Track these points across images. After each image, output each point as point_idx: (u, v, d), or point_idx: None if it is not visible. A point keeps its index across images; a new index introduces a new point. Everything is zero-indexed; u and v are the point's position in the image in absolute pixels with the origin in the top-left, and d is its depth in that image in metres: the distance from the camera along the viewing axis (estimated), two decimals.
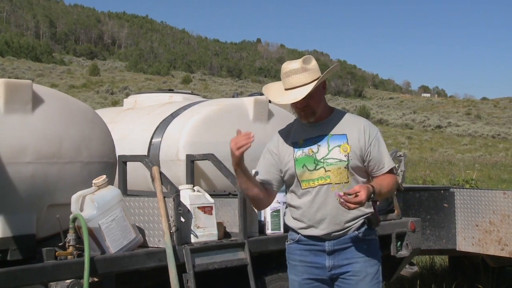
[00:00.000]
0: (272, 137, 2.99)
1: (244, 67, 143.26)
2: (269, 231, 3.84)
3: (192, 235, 3.42)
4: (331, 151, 2.78)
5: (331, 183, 2.76)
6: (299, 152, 2.83)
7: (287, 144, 2.88)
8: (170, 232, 3.23)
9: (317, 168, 2.78)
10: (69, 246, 3.02)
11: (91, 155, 3.46)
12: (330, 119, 2.86)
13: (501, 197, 4.93)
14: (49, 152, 3.23)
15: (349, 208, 2.60)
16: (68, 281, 2.88)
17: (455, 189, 5.38)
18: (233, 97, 5.40)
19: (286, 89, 2.79)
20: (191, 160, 4.12)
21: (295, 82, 2.75)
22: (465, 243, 5.18)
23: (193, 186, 3.66)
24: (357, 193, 2.58)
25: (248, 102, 4.59)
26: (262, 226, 3.86)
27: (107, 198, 3.17)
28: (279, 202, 3.90)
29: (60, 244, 3.08)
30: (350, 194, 2.58)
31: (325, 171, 2.77)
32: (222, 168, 3.84)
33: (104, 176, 3.26)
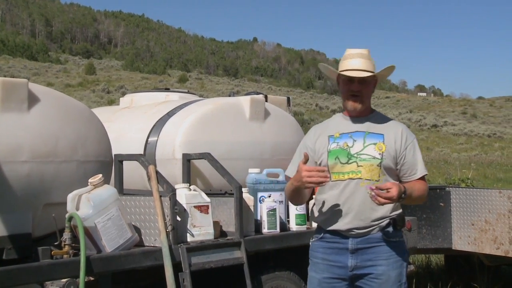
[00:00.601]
0: (308, 132, 3.03)
1: (241, 66, 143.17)
2: (265, 230, 3.84)
3: (188, 234, 3.41)
4: (366, 148, 2.81)
5: (361, 178, 2.77)
6: (333, 145, 2.85)
7: (323, 137, 2.90)
8: (166, 231, 3.22)
9: (349, 162, 2.80)
10: (65, 245, 3.01)
11: (87, 154, 3.46)
12: (369, 117, 2.90)
13: (496, 196, 4.93)
14: (45, 151, 3.22)
15: (379, 203, 2.61)
16: (64, 280, 2.88)
17: (451, 188, 5.39)
18: (229, 96, 5.40)
19: (342, 71, 2.81)
20: (187, 159, 4.11)
21: (359, 65, 2.79)
22: (461, 242, 5.19)
23: (189, 185, 3.66)
24: (388, 189, 2.60)
25: (244, 101, 4.59)
26: (258, 225, 3.86)
27: (103, 197, 3.17)
28: (275, 201, 3.90)
29: (56, 243, 3.07)
30: (381, 189, 2.60)
31: (357, 166, 2.78)
32: (219, 167, 3.84)
33: (100, 175, 3.26)
